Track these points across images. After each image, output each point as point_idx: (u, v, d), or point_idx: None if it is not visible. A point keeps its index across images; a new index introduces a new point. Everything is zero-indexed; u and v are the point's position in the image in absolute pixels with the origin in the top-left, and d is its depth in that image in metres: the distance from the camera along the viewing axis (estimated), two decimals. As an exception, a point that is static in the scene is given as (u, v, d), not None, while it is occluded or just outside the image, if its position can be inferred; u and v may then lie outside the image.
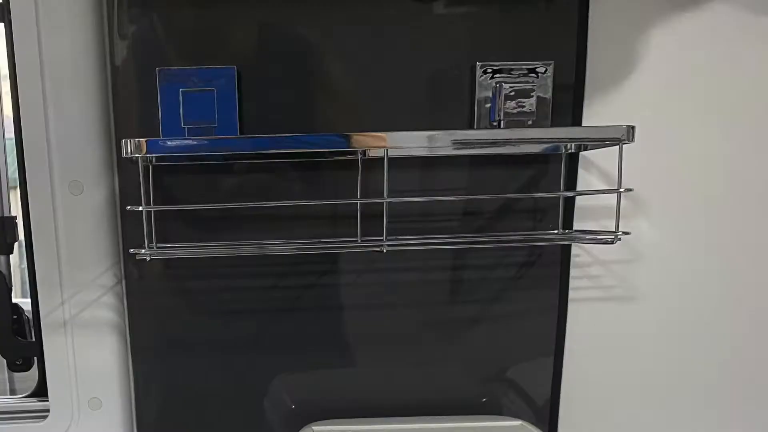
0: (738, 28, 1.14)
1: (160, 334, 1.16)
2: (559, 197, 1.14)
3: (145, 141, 0.94)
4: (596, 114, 1.11)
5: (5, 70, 1.12)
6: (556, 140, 1.05)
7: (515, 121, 1.07)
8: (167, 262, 1.13)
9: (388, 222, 1.04)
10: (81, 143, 1.08)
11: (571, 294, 1.19)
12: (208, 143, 0.98)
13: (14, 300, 1.22)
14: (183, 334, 1.16)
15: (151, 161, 1.05)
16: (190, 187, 1.10)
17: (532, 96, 1.07)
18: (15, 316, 1.21)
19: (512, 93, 1.06)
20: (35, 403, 1.22)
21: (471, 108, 1.09)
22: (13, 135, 1.12)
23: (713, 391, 1.25)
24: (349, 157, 1.08)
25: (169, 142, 0.95)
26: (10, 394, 1.31)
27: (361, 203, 1.08)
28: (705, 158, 1.16)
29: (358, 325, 1.18)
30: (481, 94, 1.07)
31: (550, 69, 1.08)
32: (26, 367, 1.24)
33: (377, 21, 1.09)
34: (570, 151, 1.11)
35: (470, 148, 1.08)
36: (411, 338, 1.19)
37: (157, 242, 1.08)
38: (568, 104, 1.11)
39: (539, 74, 1.07)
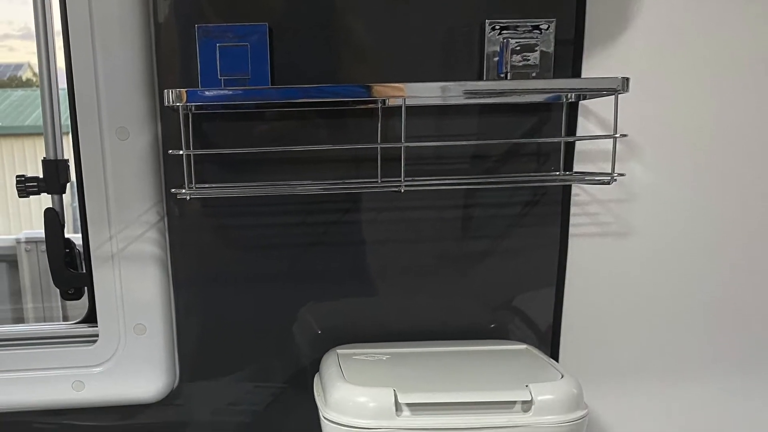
0: (730, -15, 1.15)
1: (200, 266, 1.19)
2: (560, 142, 1.17)
3: (185, 91, 0.96)
4: (594, 66, 1.12)
5: (58, 27, 1.12)
6: (558, 90, 1.09)
7: (520, 73, 1.09)
8: (205, 201, 1.15)
9: (406, 164, 1.06)
10: (127, 93, 1.08)
11: (572, 230, 1.21)
12: (242, 93, 1.01)
13: (67, 235, 1.22)
14: (220, 266, 1.19)
15: (190, 109, 1.08)
16: (226, 133, 1.13)
17: (536, 50, 1.09)
18: (67, 250, 1.21)
19: (518, 48, 1.08)
20: (86, 329, 1.22)
21: (480, 61, 1.12)
22: (65, 86, 1.12)
23: (701, 318, 1.26)
24: (370, 106, 1.10)
25: (207, 92, 0.98)
26: (63, 321, 1.32)
27: (380, 147, 1.10)
28: (695, 106, 1.17)
29: (378, 258, 1.21)
30: (489, 48, 1.10)
31: (552, 26, 1.10)
32: (78, 296, 1.24)
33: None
34: (570, 100, 1.13)
35: (480, 97, 1.10)
36: (426, 270, 1.21)
37: (195, 183, 1.09)
38: (568, 58, 1.13)
39: (542, 30, 1.10)
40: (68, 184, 1.22)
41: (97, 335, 1.18)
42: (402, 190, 1.07)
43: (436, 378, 1.04)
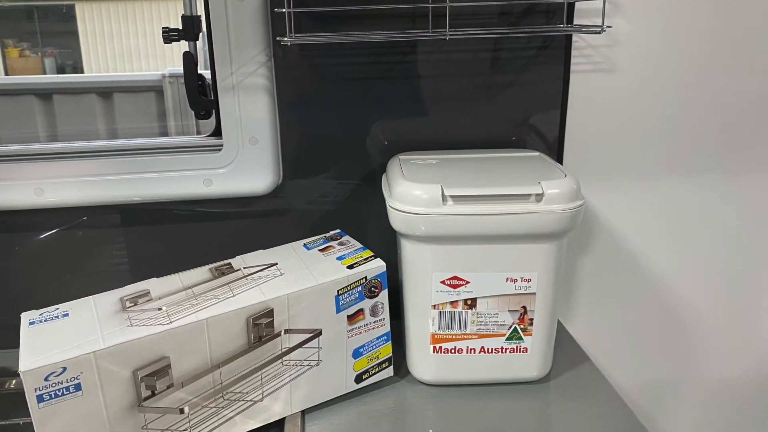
0: None
1: (298, 94, 1.27)
2: (563, 2, 1.26)
3: (287, -32, 1.05)
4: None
5: None
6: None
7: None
8: (302, 46, 1.24)
9: (450, 19, 1.20)
10: (244, -32, 1.16)
11: (572, 67, 1.32)
12: (329, -35, 1.11)
13: (199, 71, 1.33)
14: (313, 94, 1.28)
15: (291, -20, 1.16)
16: (318, -5, 1.19)
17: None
18: (200, 82, 1.33)
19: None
20: (214, 140, 1.35)
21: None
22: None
23: (669, 131, 1.39)
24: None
25: (301, -34, 1.08)
26: (197, 134, 1.42)
27: (431, 6, 1.21)
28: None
29: (429, 88, 1.30)
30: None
31: None
32: (207, 117, 1.37)
33: None
34: (572, -26, 1.21)
35: (505, -27, 1.19)
36: (465, 97, 1.31)
37: (295, 33, 1.21)
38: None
39: None
40: (200, 34, 1.33)
41: (221, 145, 1.29)
42: (447, 38, 1.20)
43: (472, 176, 1.10)
